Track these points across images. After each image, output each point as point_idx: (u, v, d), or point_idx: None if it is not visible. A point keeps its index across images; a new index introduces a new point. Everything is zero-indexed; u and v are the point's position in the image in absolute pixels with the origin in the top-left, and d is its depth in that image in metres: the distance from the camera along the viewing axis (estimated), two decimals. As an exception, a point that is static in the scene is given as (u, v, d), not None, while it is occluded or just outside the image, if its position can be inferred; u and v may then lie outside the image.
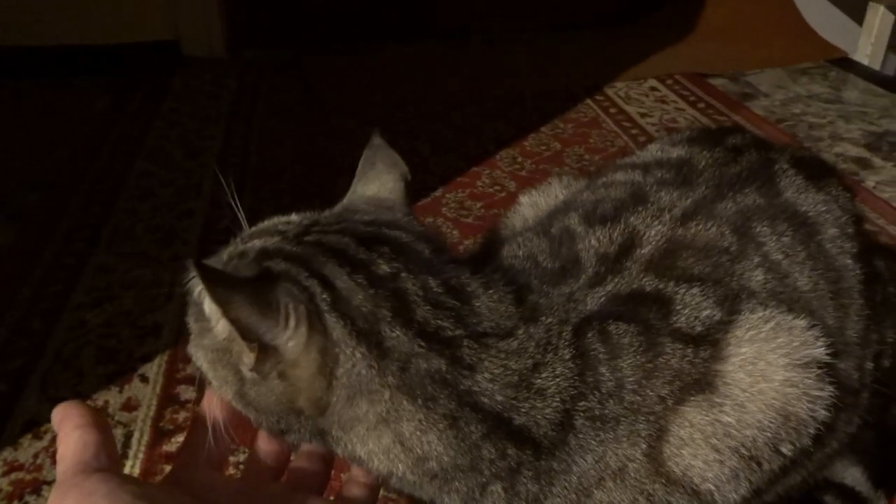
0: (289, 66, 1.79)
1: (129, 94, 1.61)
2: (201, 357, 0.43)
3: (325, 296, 0.40)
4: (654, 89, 1.65)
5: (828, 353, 0.43)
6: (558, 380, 0.41)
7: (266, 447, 0.46)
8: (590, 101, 1.58)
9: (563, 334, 0.43)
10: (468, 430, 0.40)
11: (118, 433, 0.75)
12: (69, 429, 0.38)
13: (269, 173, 1.29)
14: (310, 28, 1.94)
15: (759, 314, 0.44)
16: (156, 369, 0.84)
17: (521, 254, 0.50)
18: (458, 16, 2.04)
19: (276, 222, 0.48)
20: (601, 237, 0.49)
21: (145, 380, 0.83)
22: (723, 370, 0.42)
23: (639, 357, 0.42)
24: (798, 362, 0.43)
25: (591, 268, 0.47)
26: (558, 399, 0.41)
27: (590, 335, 0.43)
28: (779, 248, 0.49)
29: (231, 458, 0.67)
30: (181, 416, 0.78)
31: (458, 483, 0.41)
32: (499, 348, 0.41)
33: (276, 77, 1.73)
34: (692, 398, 0.42)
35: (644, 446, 0.42)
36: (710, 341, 0.43)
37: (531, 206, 0.63)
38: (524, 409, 0.41)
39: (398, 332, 0.40)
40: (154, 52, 1.80)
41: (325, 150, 1.37)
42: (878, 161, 1.34)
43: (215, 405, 0.44)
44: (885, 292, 0.55)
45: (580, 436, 0.41)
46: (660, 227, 0.49)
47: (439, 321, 0.41)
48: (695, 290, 0.45)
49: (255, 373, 0.40)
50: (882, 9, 1.76)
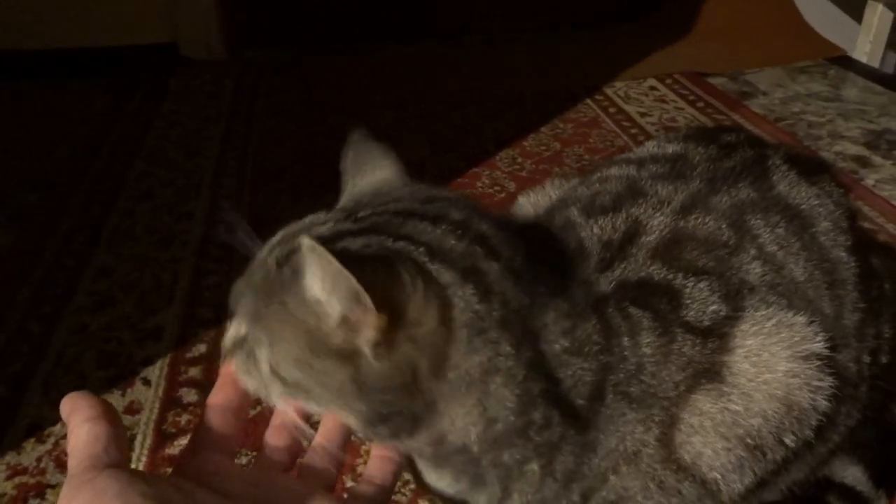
0: (288, 66, 1.79)
1: (128, 95, 1.62)
2: (288, 367, 0.40)
3: (420, 249, 0.40)
4: (653, 88, 1.65)
5: (827, 347, 0.45)
6: (593, 342, 0.42)
7: (277, 439, 0.45)
8: (589, 101, 1.58)
9: (588, 306, 0.44)
10: (532, 384, 0.40)
11: (120, 436, 0.75)
12: (79, 421, 0.38)
13: (269, 174, 1.29)
14: (309, 28, 1.94)
15: (762, 312, 0.45)
16: (158, 372, 0.84)
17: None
18: (458, 16, 2.04)
19: (307, 222, 0.44)
20: (603, 225, 0.49)
21: (147, 383, 0.83)
22: (729, 361, 0.44)
23: (656, 339, 0.43)
24: (799, 354, 0.44)
25: (596, 254, 0.48)
26: (594, 363, 0.42)
27: (610, 310, 0.44)
28: (773, 239, 0.49)
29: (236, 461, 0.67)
30: (183, 419, 0.78)
31: (505, 455, 0.42)
32: (554, 300, 0.43)
33: (275, 77, 1.73)
34: (702, 386, 0.43)
35: (657, 432, 0.43)
36: (717, 335, 0.44)
37: (531, 205, 0.64)
38: (572, 365, 0.42)
39: (494, 266, 0.40)
40: (153, 54, 1.80)
41: (325, 151, 1.36)
42: (877, 159, 1.34)
43: (289, 411, 0.43)
44: (882, 289, 0.55)
45: (609, 412, 0.42)
46: (662, 217, 0.49)
47: (519, 262, 0.42)
48: (702, 285, 0.46)
49: (377, 348, 0.38)
50: (881, 7, 1.76)
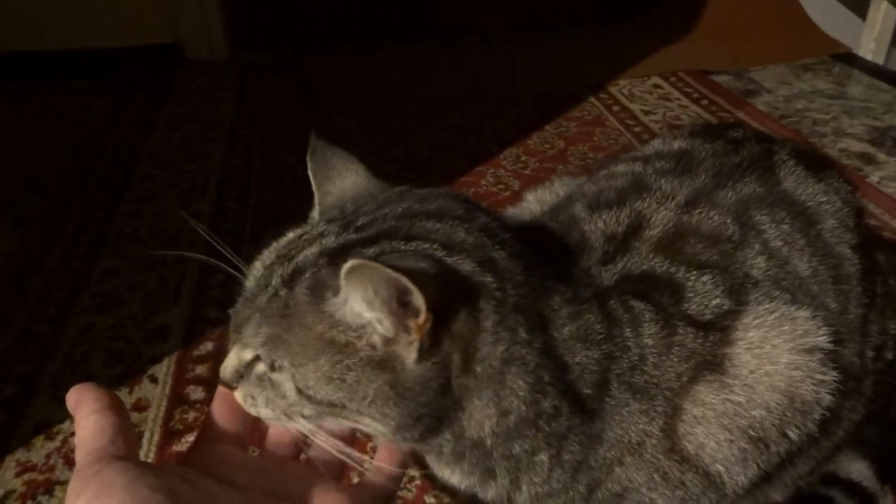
0: (288, 66, 1.79)
1: (128, 97, 1.62)
2: (320, 386, 0.39)
3: (435, 246, 0.40)
4: (657, 87, 1.65)
5: (830, 341, 0.45)
6: (596, 331, 0.43)
7: (285, 427, 0.44)
8: (593, 100, 1.58)
9: (591, 297, 0.44)
10: (542, 372, 0.41)
11: (128, 434, 0.76)
12: (85, 413, 0.38)
13: (272, 174, 1.30)
14: (309, 29, 1.94)
15: (765, 306, 0.45)
16: (165, 370, 0.85)
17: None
18: (458, 16, 2.04)
19: (298, 237, 0.43)
20: (607, 220, 0.50)
21: (154, 380, 0.83)
22: (731, 353, 0.44)
23: (657, 330, 0.44)
24: (802, 347, 0.44)
25: (599, 247, 0.48)
26: (598, 352, 0.42)
27: (612, 302, 0.44)
28: (778, 235, 0.50)
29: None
30: (190, 416, 0.78)
31: (516, 446, 0.42)
32: (559, 286, 0.43)
33: (275, 78, 1.74)
34: (704, 378, 0.44)
35: (661, 422, 0.43)
36: (719, 328, 0.45)
37: (537, 202, 0.65)
38: (578, 352, 0.42)
39: (502, 254, 0.41)
40: (153, 55, 1.81)
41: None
42: (882, 156, 1.34)
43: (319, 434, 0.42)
44: (887, 285, 0.55)
45: (613, 403, 0.43)
46: (666, 212, 0.50)
47: (521, 248, 0.42)
48: (705, 279, 0.46)
49: (421, 349, 0.38)
50: (885, 4, 1.75)
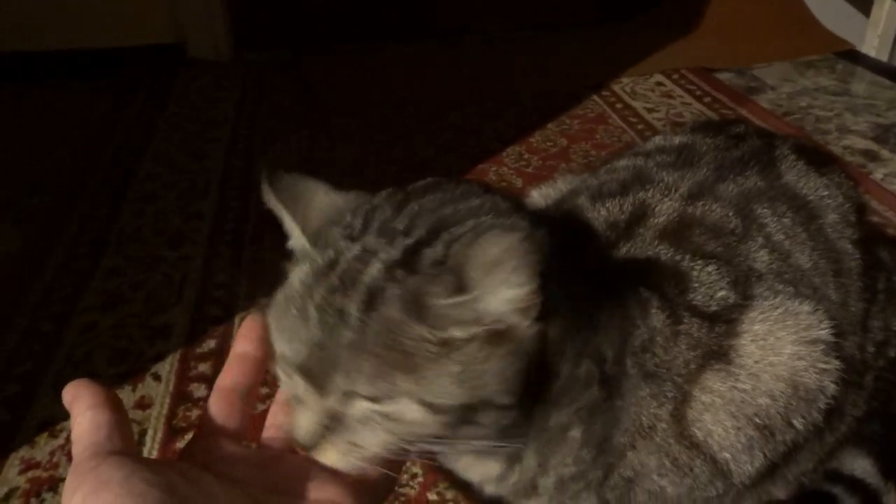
0: (289, 66, 1.79)
1: (128, 98, 1.63)
2: (453, 391, 0.37)
3: (487, 216, 0.40)
4: (660, 84, 1.65)
5: (832, 334, 0.46)
6: (611, 306, 0.43)
7: (283, 418, 0.44)
8: (596, 97, 1.57)
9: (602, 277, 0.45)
10: (581, 335, 0.41)
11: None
12: (81, 409, 0.37)
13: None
14: (309, 29, 1.94)
15: (770, 301, 0.46)
16: (168, 368, 0.85)
17: None
18: (458, 16, 2.04)
19: (326, 266, 0.40)
20: (610, 208, 0.50)
21: (157, 378, 0.83)
22: (736, 344, 0.45)
23: (664, 318, 0.44)
24: (805, 339, 0.45)
25: (601, 234, 0.49)
26: (616, 323, 0.43)
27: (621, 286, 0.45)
28: (779, 228, 0.50)
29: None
30: (193, 413, 0.78)
31: (553, 416, 0.42)
32: (573, 254, 0.43)
33: (275, 78, 1.74)
34: (712, 367, 0.44)
35: (671, 408, 0.44)
36: (724, 320, 0.45)
37: (542, 197, 0.65)
38: (602, 314, 0.43)
39: (542, 232, 0.40)
40: (155, 55, 1.81)
41: (327, 151, 1.37)
42: (885, 153, 1.33)
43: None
44: (889, 282, 0.55)
45: (628, 383, 0.43)
46: (671, 202, 0.50)
47: (537, 218, 0.43)
48: (710, 269, 0.46)
49: (535, 318, 0.38)
50: (889, 1, 1.75)
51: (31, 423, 0.78)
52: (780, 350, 0.45)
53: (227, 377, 0.44)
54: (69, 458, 0.73)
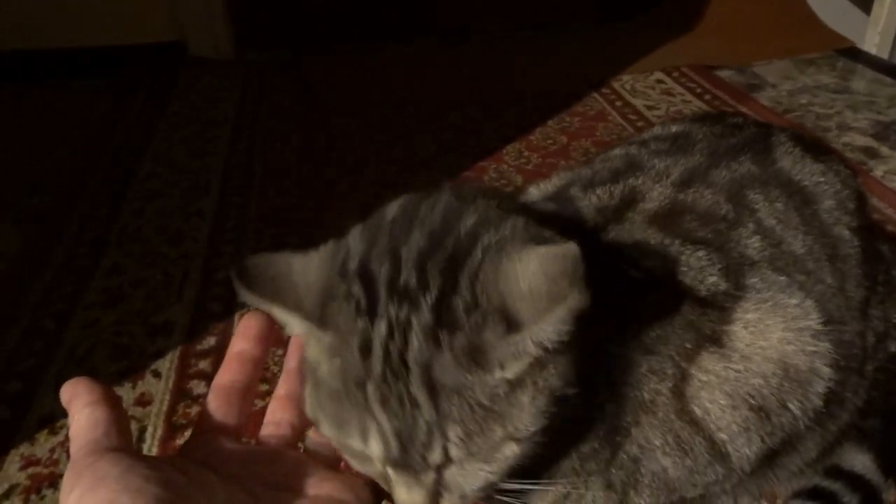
0: (288, 66, 1.80)
1: (129, 97, 1.63)
2: (531, 418, 0.37)
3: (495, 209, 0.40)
4: (660, 82, 1.65)
5: (821, 322, 0.46)
6: (608, 284, 0.42)
7: (282, 414, 0.44)
8: (596, 95, 1.57)
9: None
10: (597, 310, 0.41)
11: (132, 428, 0.76)
12: (79, 406, 0.37)
13: (274, 173, 1.30)
14: (310, 28, 1.95)
15: (763, 294, 0.46)
16: (168, 365, 0.85)
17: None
18: (458, 15, 2.04)
19: (361, 351, 0.37)
20: (600, 194, 0.51)
21: (158, 375, 0.84)
22: (729, 330, 0.45)
23: (654, 299, 0.45)
24: (792, 327, 0.46)
25: (591, 219, 0.49)
26: (611, 310, 0.42)
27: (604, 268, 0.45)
28: (771, 213, 0.50)
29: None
30: (193, 410, 0.78)
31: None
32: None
33: (275, 78, 1.74)
34: (707, 349, 0.45)
35: (670, 384, 0.45)
36: (716, 306, 0.45)
37: (540, 193, 0.65)
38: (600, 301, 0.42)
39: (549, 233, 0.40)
40: (156, 54, 1.81)
41: (327, 150, 1.37)
42: (885, 150, 1.33)
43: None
44: (889, 275, 0.55)
45: (629, 361, 0.44)
46: (661, 188, 0.50)
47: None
48: (700, 254, 0.46)
49: None
50: (889, -2, 1.75)
51: (31, 419, 0.78)
52: (769, 336, 0.45)
53: (226, 375, 0.44)
54: (69, 455, 0.73)
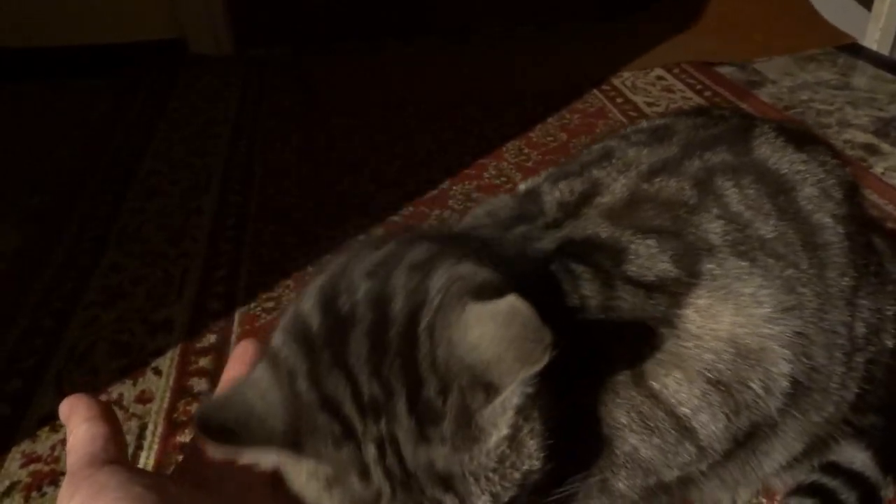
0: (288, 65, 1.80)
1: (129, 96, 1.63)
2: (534, 454, 0.38)
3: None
4: (660, 78, 1.64)
5: (778, 311, 0.46)
6: (544, 284, 0.43)
7: None
8: (596, 92, 1.57)
9: (524, 264, 0.44)
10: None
11: (133, 425, 0.77)
12: (77, 422, 0.38)
13: (274, 172, 1.30)
14: (310, 27, 1.95)
15: (717, 283, 0.46)
16: (168, 362, 0.85)
17: (480, 212, 0.54)
18: (459, 14, 2.04)
19: (347, 465, 0.37)
20: (563, 189, 0.51)
21: (158, 373, 0.84)
22: (680, 313, 0.45)
23: (595, 287, 0.45)
24: (745, 313, 0.45)
25: (550, 215, 0.49)
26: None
27: (553, 266, 0.45)
28: (740, 199, 0.49)
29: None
30: (194, 407, 0.79)
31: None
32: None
33: (275, 77, 1.74)
34: (657, 329, 0.45)
35: (627, 368, 0.44)
36: (666, 292, 0.45)
37: (526, 188, 0.65)
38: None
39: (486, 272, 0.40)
40: (156, 51, 1.82)
41: (327, 150, 1.38)
42: (886, 147, 1.33)
43: None
44: (881, 267, 0.55)
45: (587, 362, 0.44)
46: (624, 180, 0.50)
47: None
48: (650, 242, 0.46)
49: None
50: (890, -7, 1.74)
51: (32, 417, 0.78)
52: (719, 319, 0.45)
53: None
54: (70, 453, 0.74)
